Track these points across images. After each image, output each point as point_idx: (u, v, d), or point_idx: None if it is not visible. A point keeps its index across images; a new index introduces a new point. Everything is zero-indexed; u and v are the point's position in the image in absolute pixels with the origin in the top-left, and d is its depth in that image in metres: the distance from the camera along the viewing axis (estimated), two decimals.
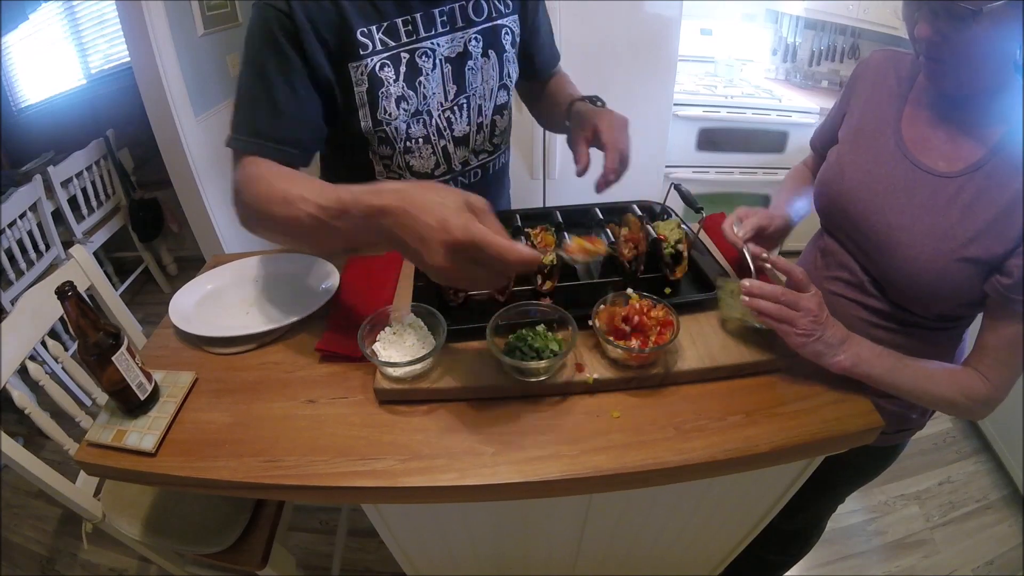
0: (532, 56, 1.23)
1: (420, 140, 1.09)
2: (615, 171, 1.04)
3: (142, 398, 0.84)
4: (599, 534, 1.10)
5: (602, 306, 0.92)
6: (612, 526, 1.09)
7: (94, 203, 2.86)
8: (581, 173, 1.07)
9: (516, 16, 1.13)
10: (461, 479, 0.76)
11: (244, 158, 0.93)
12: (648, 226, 1.06)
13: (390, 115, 1.02)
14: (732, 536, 1.24)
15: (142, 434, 0.82)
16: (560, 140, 2.47)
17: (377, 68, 0.98)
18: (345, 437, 0.82)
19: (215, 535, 1.23)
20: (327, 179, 1.24)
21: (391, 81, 1.00)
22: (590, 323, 0.90)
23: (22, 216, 2.42)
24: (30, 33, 3.11)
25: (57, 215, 2.64)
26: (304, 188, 0.80)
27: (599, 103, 1.15)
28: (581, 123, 1.11)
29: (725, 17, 3.29)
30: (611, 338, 0.87)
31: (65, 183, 2.65)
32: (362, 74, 0.98)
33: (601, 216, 1.16)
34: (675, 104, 2.76)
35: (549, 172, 2.61)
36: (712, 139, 2.96)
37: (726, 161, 3.02)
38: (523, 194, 2.63)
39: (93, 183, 2.83)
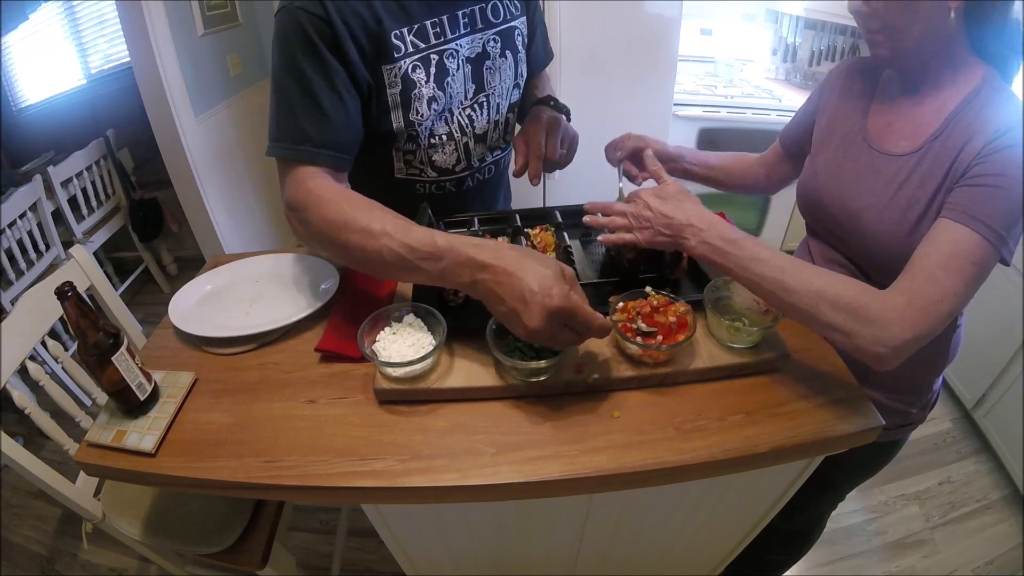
0: (528, 56, 1.24)
1: (444, 137, 1.11)
2: (522, 170, 1.11)
3: (142, 398, 0.84)
4: (599, 534, 1.10)
5: (620, 303, 0.93)
6: (612, 526, 1.09)
7: (94, 203, 2.86)
8: (516, 175, 1.13)
9: (524, 18, 1.16)
10: (461, 479, 0.76)
11: (296, 169, 0.92)
12: None
13: (422, 115, 1.04)
14: (732, 536, 1.24)
15: (142, 434, 0.82)
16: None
17: (410, 70, 0.99)
18: (345, 437, 0.82)
19: (215, 535, 1.23)
20: None
21: (423, 82, 1.01)
22: (609, 317, 0.90)
23: (22, 216, 2.41)
24: (30, 33, 3.10)
25: (57, 215, 2.64)
26: (387, 223, 0.82)
27: (551, 103, 1.20)
28: (523, 126, 1.16)
29: (725, 17, 3.29)
30: (629, 335, 0.88)
31: (65, 183, 2.65)
32: (395, 76, 0.98)
33: None
34: (675, 104, 2.76)
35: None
36: (712, 139, 2.96)
37: None
38: (523, 194, 2.62)
39: (93, 183, 2.83)
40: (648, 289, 0.93)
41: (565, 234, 1.06)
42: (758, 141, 2.91)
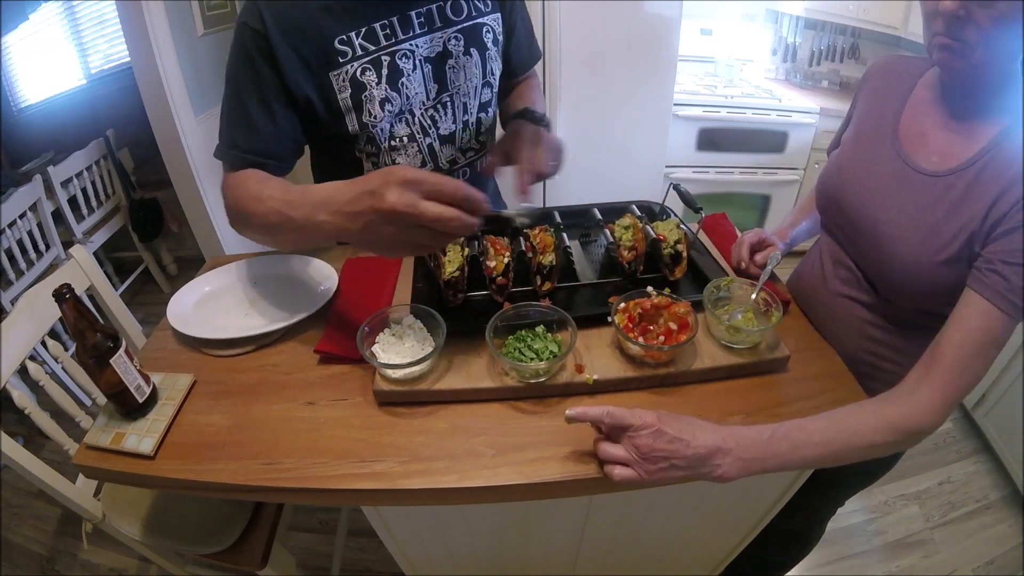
0: (508, 55, 1.23)
1: (405, 139, 1.10)
2: (491, 168, 1.11)
3: (140, 401, 0.84)
4: (599, 534, 1.10)
5: (622, 304, 0.93)
6: (612, 526, 1.09)
7: (94, 203, 2.86)
8: (485, 172, 1.14)
9: (497, 15, 1.15)
10: (461, 481, 0.76)
11: (226, 169, 1.00)
12: (647, 226, 1.06)
13: (375, 117, 1.04)
14: (732, 536, 1.24)
15: (140, 437, 0.82)
16: (562, 139, 2.48)
17: (359, 73, 1.00)
18: (345, 439, 0.82)
19: (215, 535, 1.23)
20: (317, 177, 1.26)
21: (373, 84, 1.02)
22: (609, 319, 0.91)
23: (22, 216, 2.41)
24: (30, 33, 3.10)
25: (57, 215, 2.64)
26: (276, 189, 0.88)
27: (533, 115, 1.16)
28: (503, 138, 1.15)
29: (725, 17, 3.29)
30: (631, 335, 0.88)
31: (65, 183, 2.65)
32: (344, 80, 1.00)
33: (600, 216, 1.16)
34: (675, 104, 2.76)
35: None
36: (712, 139, 2.96)
37: (726, 161, 3.02)
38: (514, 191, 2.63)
39: (93, 183, 2.83)
40: (650, 289, 0.93)
41: (564, 235, 1.06)
42: (758, 141, 2.95)
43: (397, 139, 1.09)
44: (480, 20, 1.11)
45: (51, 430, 1.20)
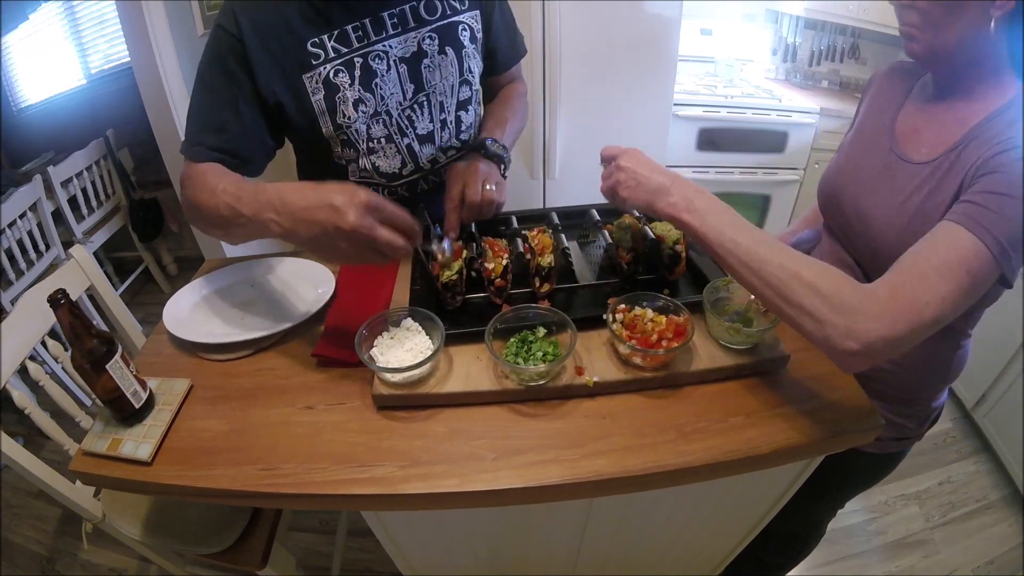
0: (490, 51, 1.23)
1: (383, 140, 1.10)
2: (455, 230, 1.08)
3: (137, 406, 0.84)
4: (600, 535, 1.10)
5: (619, 306, 0.93)
6: (613, 527, 1.09)
7: (94, 203, 2.86)
8: (447, 234, 1.08)
9: (475, 12, 1.14)
10: (461, 485, 0.75)
11: (190, 164, 1.00)
12: (646, 227, 1.06)
13: (349, 118, 1.05)
14: (732, 536, 1.24)
15: (137, 443, 0.81)
16: (561, 139, 2.48)
17: (331, 75, 1.01)
18: (343, 444, 0.81)
19: (215, 535, 1.23)
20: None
21: (346, 86, 1.02)
22: (605, 317, 0.91)
23: (22, 216, 2.42)
24: (30, 33, 3.10)
25: (57, 215, 2.65)
26: (229, 183, 0.90)
27: (488, 151, 1.15)
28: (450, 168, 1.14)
29: (725, 17, 3.28)
30: (627, 339, 0.88)
31: (65, 183, 2.65)
32: (317, 82, 1.01)
33: (598, 217, 1.16)
34: (675, 104, 2.75)
35: (549, 172, 2.60)
36: (712, 139, 2.95)
37: (726, 161, 3.02)
38: (523, 194, 2.62)
39: (93, 183, 2.83)
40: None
41: (563, 235, 1.06)
42: (758, 141, 2.94)
43: (374, 140, 1.10)
44: (455, 18, 1.11)
45: (51, 430, 1.20)
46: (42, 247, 2.58)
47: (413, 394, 0.86)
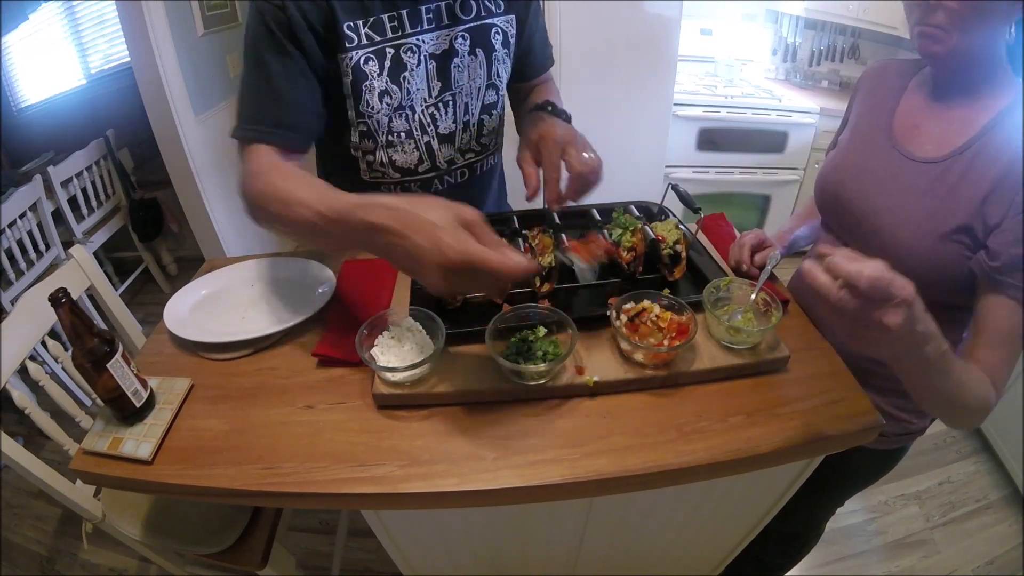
0: (522, 58, 1.22)
1: (403, 135, 1.10)
2: (535, 192, 1.02)
3: (138, 405, 0.84)
4: (600, 535, 1.10)
5: (625, 304, 0.93)
6: (613, 527, 1.09)
7: (94, 203, 2.86)
8: (530, 197, 1.04)
9: (510, 16, 1.13)
10: (462, 484, 0.75)
11: (248, 148, 0.95)
12: (646, 227, 1.06)
13: (372, 108, 1.04)
14: (732, 536, 1.24)
15: (138, 442, 0.81)
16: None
17: (361, 62, 1.00)
18: (344, 443, 0.81)
19: (215, 535, 1.23)
20: (322, 167, 1.26)
21: (375, 75, 1.02)
22: (609, 313, 0.91)
23: (22, 216, 2.42)
24: (30, 33, 3.11)
25: (57, 215, 2.64)
26: (304, 191, 0.82)
27: (549, 108, 1.10)
28: (525, 137, 1.08)
29: (725, 17, 3.28)
30: (631, 337, 0.88)
31: (65, 183, 2.65)
32: (347, 66, 1.00)
33: (599, 217, 1.16)
34: (675, 104, 2.76)
35: None
36: (712, 139, 2.96)
37: (726, 161, 3.02)
38: (524, 194, 2.63)
39: (93, 183, 2.83)
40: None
41: (563, 235, 1.06)
42: (758, 141, 2.94)
43: (395, 134, 1.09)
44: (489, 21, 1.10)
45: (51, 430, 1.20)
46: (42, 247, 2.58)
47: (413, 393, 0.86)
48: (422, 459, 0.79)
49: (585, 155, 0.99)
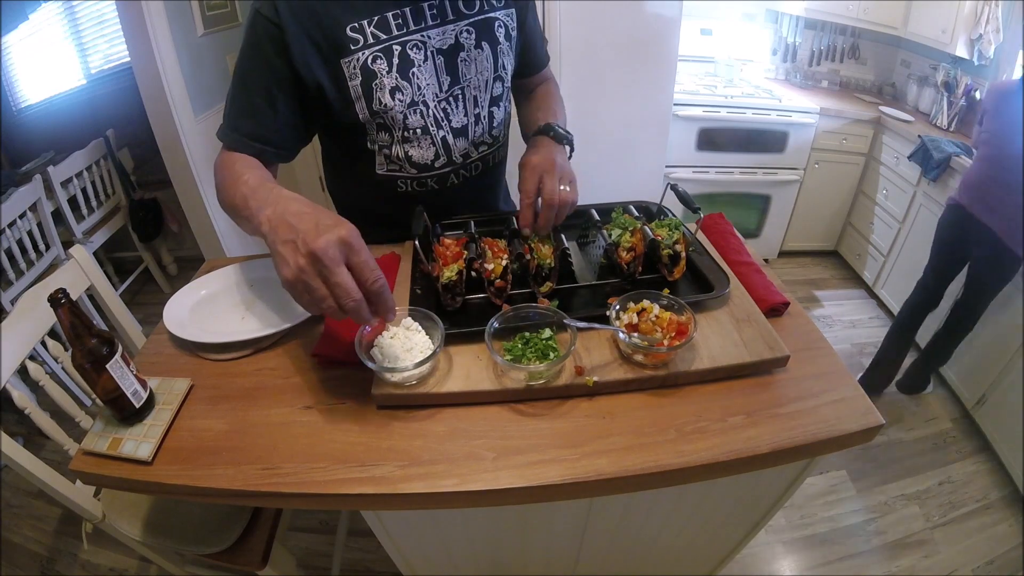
0: (524, 51, 1.24)
1: (419, 131, 1.10)
2: (528, 225, 1.05)
3: (137, 406, 0.83)
4: (600, 535, 1.10)
5: (629, 303, 0.93)
6: (613, 527, 1.09)
7: (94, 203, 2.86)
8: (522, 230, 1.06)
9: (511, 11, 1.15)
10: (461, 485, 0.75)
11: (224, 151, 1.03)
12: (646, 227, 1.06)
13: (386, 105, 1.05)
14: (732, 536, 1.24)
15: (138, 442, 0.81)
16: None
17: (369, 61, 1.00)
18: (343, 443, 0.81)
19: (215, 535, 1.24)
20: (328, 169, 1.29)
21: (384, 73, 1.02)
22: (608, 313, 0.90)
23: (22, 216, 2.42)
24: (30, 33, 3.10)
25: (57, 215, 2.65)
26: (252, 176, 0.91)
27: (551, 133, 1.14)
28: (521, 168, 1.10)
29: (725, 17, 3.29)
30: (631, 335, 0.88)
31: (65, 183, 2.66)
32: (355, 68, 1.00)
33: (597, 217, 1.16)
34: (675, 104, 2.75)
35: None
36: (712, 139, 2.96)
37: (726, 161, 3.02)
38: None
39: (93, 183, 2.83)
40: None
41: (563, 236, 1.06)
42: (758, 141, 2.95)
43: (411, 130, 1.09)
44: (492, 14, 1.11)
45: (51, 430, 1.20)
46: (42, 247, 2.58)
47: (413, 393, 0.86)
48: (422, 459, 0.79)
49: (561, 187, 1.03)
